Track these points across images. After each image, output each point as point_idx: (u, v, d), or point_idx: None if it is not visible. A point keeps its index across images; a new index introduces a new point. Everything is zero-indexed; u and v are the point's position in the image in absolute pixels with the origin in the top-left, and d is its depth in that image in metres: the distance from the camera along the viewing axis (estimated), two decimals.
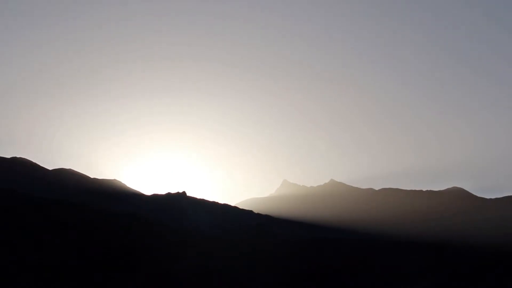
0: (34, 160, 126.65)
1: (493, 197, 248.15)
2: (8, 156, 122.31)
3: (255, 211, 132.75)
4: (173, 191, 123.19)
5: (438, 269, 57.55)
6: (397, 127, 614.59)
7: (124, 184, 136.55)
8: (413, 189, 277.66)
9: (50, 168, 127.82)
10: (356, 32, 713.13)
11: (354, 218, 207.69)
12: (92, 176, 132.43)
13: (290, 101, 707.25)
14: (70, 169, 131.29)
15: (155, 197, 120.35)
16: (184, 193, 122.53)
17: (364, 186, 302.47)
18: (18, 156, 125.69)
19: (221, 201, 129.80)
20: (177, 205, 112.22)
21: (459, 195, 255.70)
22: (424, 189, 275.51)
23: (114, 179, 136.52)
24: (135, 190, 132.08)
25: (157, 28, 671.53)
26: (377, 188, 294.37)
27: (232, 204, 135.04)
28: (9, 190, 67.07)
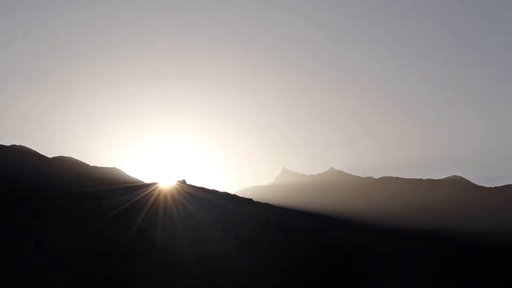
0: (33, 148, 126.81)
1: (493, 186, 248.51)
2: (8, 144, 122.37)
3: (255, 199, 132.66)
4: (173, 179, 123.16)
5: (437, 257, 57.59)
6: (397, 116, 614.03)
7: (124, 172, 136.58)
8: (413, 177, 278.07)
9: (49, 156, 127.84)
10: (357, 21, 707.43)
11: (353, 207, 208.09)
12: (91, 164, 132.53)
13: (291, 89, 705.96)
14: (69, 157, 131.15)
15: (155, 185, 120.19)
16: (183, 181, 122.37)
17: (364, 174, 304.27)
18: (17, 143, 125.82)
19: (221, 189, 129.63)
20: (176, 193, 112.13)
21: (459, 184, 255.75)
22: (424, 178, 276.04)
23: (114, 167, 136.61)
24: (135, 178, 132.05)
25: (154, 12, 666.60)
26: (376, 176, 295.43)
27: (232, 193, 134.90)
28: (8, 178, 66.90)
